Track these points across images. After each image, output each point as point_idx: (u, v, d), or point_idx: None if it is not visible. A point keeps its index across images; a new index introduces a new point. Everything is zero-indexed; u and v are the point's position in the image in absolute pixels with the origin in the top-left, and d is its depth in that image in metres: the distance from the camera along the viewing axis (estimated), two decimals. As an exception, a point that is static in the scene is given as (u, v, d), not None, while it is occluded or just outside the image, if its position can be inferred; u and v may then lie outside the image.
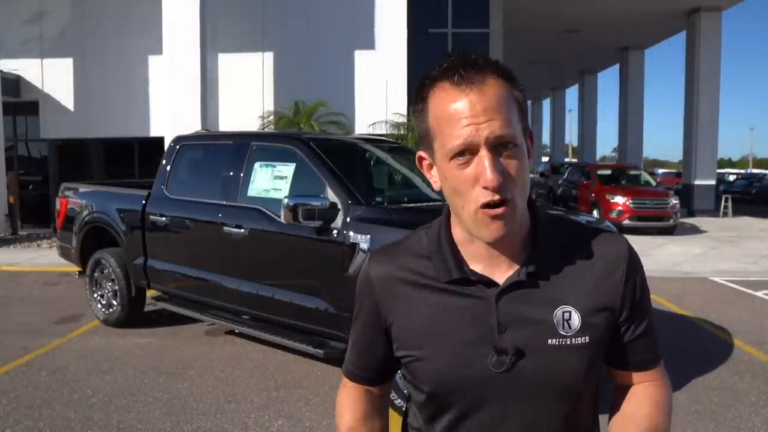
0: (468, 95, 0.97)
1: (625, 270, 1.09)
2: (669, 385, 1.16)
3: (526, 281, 1.06)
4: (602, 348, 1.09)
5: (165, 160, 5.67)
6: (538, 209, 1.12)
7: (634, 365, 1.13)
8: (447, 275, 1.08)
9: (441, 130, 1.00)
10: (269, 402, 4.22)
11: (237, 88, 13.46)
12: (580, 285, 1.07)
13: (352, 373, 1.24)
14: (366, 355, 1.20)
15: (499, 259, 1.07)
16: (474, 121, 0.96)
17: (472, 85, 0.97)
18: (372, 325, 1.16)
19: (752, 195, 27.78)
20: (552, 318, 1.05)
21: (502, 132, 0.97)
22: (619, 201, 14.16)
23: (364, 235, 3.97)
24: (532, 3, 18.21)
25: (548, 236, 1.10)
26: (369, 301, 1.15)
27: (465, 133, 0.96)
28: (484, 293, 1.06)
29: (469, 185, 0.98)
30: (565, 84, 36.27)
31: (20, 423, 3.85)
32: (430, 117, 1.02)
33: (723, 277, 8.86)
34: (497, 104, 0.97)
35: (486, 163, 0.96)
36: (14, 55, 13.89)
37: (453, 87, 0.99)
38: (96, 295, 6.15)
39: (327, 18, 13.54)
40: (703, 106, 18.43)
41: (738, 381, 4.67)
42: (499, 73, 1.01)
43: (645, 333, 1.12)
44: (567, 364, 1.04)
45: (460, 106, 0.97)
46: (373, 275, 1.15)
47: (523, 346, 1.04)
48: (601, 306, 1.07)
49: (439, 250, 1.10)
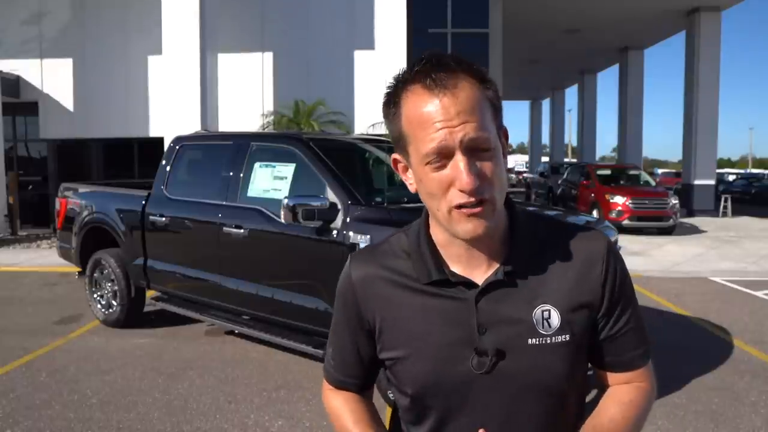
0: (441, 99, 0.97)
1: (603, 266, 1.09)
2: (652, 389, 1.14)
3: (505, 281, 1.06)
4: (584, 346, 1.09)
5: (165, 160, 5.67)
6: (515, 208, 1.12)
7: (616, 365, 1.12)
8: (427, 277, 1.08)
9: (415, 134, 1.00)
10: (269, 402, 4.22)
11: (237, 88, 13.47)
12: (559, 283, 1.07)
13: (337, 381, 1.22)
14: (349, 360, 1.19)
15: (478, 260, 1.07)
16: (448, 124, 0.96)
17: (445, 89, 0.97)
18: (355, 327, 1.16)
19: (751, 195, 27.79)
20: (531, 317, 1.05)
21: (477, 135, 0.96)
22: (619, 201, 14.16)
23: (364, 235, 3.98)
24: (532, 3, 18.21)
25: (526, 235, 1.10)
26: (351, 302, 1.15)
27: (439, 137, 0.96)
28: (464, 294, 1.06)
29: (445, 188, 0.98)
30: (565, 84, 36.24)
31: (20, 423, 3.84)
32: (404, 121, 1.02)
33: (723, 277, 8.87)
34: (470, 107, 0.97)
35: (461, 166, 0.96)
36: (14, 55, 13.88)
37: (425, 90, 0.98)
38: (96, 296, 6.14)
39: (327, 18, 13.54)
40: (703, 106, 18.43)
41: (738, 381, 4.67)
42: (472, 74, 1.00)
43: (626, 331, 1.11)
44: (548, 363, 1.04)
45: (433, 109, 0.97)
46: (354, 276, 1.15)
47: (503, 346, 1.04)
48: (581, 303, 1.07)
49: (419, 252, 1.10)
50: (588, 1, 18.46)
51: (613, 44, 23.94)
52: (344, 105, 13.04)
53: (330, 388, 1.24)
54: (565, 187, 18.98)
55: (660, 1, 18.10)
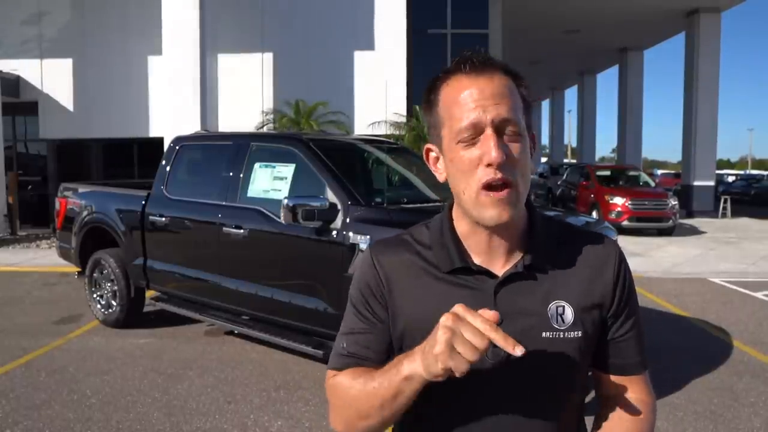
0: (477, 82, 1.03)
1: (615, 269, 1.13)
2: (652, 401, 1.17)
3: (524, 273, 1.08)
4: (592, 344, 1.11)
5: (165, 160, 5.67)
6: (534, 208, 1.15)
7: (617, 368, 1.15)
8: (449, 264, 1.10)
9: (450, 114, 1.05)
10: (269, 402, 4.22)
11: (237, 88, 13.47)
12: (573, 281, 1.10)
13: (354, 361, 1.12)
14: (370, 346, 1.12)
15: (498, 252, 1.10)
16: (482, 103, 1.01)
17: (482, 74, 1.04)
18: (378, 313, 1.13)
19: (751, 196, 27.79)
20: (546, 311, 1.07)
21: (508, 115, 1.02)
22: (618, 202, 14.16)
23: (364, 236, 3.98)
24: (532, 3, 18.21)
25: (544, 232, 1.13)
26: (374, 287, 1.14)
27: (472, 114, 1.01)
28: (484, 285, 1.08)
29: (474, 165, 1.02)
30: (565, 84, 36.28)
31: (19, 423, 3.84)
32: (441, 105, 1.07)
33: (722, 278, 8.87)
34: (505, 92, 1.03)
35: (491, 142, 1.00)
36: (14, 55, 13.88)
37: (464, 76, 1.04)
38: (95, 296, 6.14)
39: (327, 18, 13.55)
40: (702, 107, 18.43)
41: (737, 381, 4.67)
42: (507, 70, 1.07)
43: (631, 335, 1.14)
44: (559, 356, 1.07)
45: (469, 91, 1.03)
46: (377, 260, 1.15)
47: (518, 337, 1.04)
48: (593, 303, 1.10)
49: (442, 241, 1.12)
50: (588, 2, 18.46)
51: (613, 45, 23.94)
52: (344, 105, 13.04)
53: (333, 377, 1.14)
54: (564, 188, 18.98)
55: (660, 2, 18.10)
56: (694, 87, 18.55)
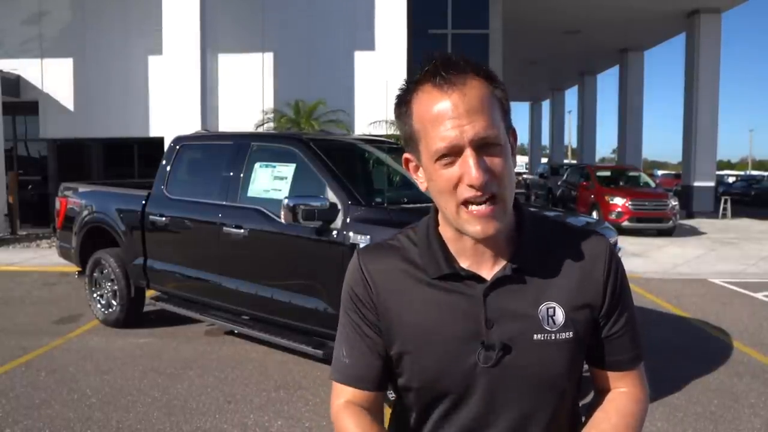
0: (450, 96, 0.99)
1: (605, 267, 1.12)
2: (645, 395, 1.17)
3: (512, 277, 1.07)
4: (584, 344, 1.11)
5: (165, 160, 5.67)
6: (522, 208, 1.14)
7: (612, 364, 1.14)
8: (437, 271, 1.09)
9: (426, 132, 1.01)
10: (269, 402, 4.22)
11: (237, 88, 13.47)
12: (563, 282, 1.09)
13: (355, 377, 1.13)
14: (367, 352, 1.13)
15: (485, 256, 1.09)
16: (458, 122, 0.98)
17: (455, 86, 0.99)
18: (370, 319, 1.13)
19: (751, 197, 27.78)
20: (537, 314, 1.07)
21: (486, 133, 0.98)
22: (619, 202, 14.17)
23: (364, 236, 3.98)
24: (532, 4, 18.21)
25: (532, 234, 1.12)
26: (363, 294, 1.13)
27: (449, 134, 0.98)
28: (473, 289, 1.08)
29: (454, 184, 1.00)
30: (565, 85, 36.23)
31: (19, 423, 3.84)
32: (414, 119, 1.04)
33: (722, 278, 8.87)
34: (480, 105, 0.99)
35: (471, 162, 0.98)
36: (14, 55, 13.88)
37: (435, 89, 1.00)
38: (95, 295, 6.14)
39: (327, 18, 13.55)
40: (703, 107, 18.44)
41: (737, 382, 4.67)
42: (480, 74, 1.02)
43: (624, 331, 1.13)
44: (552, 359, 1.06)
45: (443, 107, 0.99)
46: (365, 269, 1.14)
47: (509, 341, 1.05)
48: (584, 303, 1.10)
49: (428, 247, 1.11)
50: (588, 3, 18.47)
51: (613, 45, 23.94)
52: (344, 105, 13.03)
53: (341, 404, 1.14)
54: (564, 189, 18.98)
55: (660, 3, 18.11)
56: (694, 88, 18.55)
